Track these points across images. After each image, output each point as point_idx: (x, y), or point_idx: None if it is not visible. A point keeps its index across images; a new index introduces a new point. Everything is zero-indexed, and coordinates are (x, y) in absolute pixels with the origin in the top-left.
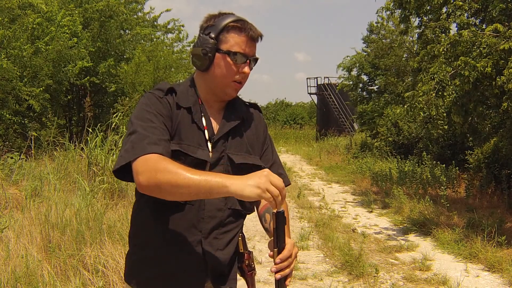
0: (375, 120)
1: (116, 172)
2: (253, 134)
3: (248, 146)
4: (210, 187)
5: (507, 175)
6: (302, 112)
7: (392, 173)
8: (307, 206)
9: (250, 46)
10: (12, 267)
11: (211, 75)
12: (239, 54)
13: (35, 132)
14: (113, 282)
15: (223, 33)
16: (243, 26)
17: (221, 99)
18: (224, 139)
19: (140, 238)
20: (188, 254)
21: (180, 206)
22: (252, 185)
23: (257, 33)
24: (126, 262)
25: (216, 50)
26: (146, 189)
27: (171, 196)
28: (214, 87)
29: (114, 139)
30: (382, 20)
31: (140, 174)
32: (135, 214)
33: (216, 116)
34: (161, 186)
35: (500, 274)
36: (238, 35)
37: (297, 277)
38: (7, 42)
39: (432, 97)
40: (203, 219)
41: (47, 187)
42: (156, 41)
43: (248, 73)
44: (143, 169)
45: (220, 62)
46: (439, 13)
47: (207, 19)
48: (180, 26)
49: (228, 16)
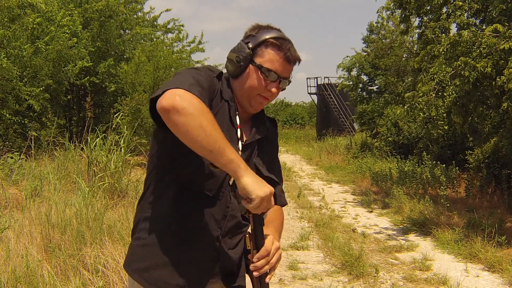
0: (375, 120)
1: (152, 103)
2: (271, 151)
3: (268, 162)
4: (230, 160)
5: (507, 175)
6: (302, 112)
7: (392, 173)
8: (307, 206)
9: (285, 67)
10: (12, 267)
11: (240, 83)
12: (271, 72)
13: (35, 132)
14: (113, 282)
15: (261, 47)
16: (282, 45)
17: (246, 109)
18: (253, 146)
19: (152, 225)
20: (202, 248)
21: (209, 199)
22: (261, 187)
23: (294, 56)
24: (130, 248)
25: (250, 61)
26: (174, 111)
27: (182, 131)
28: (240, 96)
29: (115, 139)
30: (382, 20)
31: (180, 97)
32: (148, 202)
33: (243, 124)
34: (190, 119)
35: (500, 274)
36: (275, 52)
37: (297, 277)
38: (7, 42)
39: (432, 98)
40: (226, 217)
41: (47, 187)
42: (156, 41)
43: (275, 93)
44: (186, 96)
45: (252, 73)
46: (439, 13)
47: (253, 28)
48: (180, 26)
49: (272, 31)
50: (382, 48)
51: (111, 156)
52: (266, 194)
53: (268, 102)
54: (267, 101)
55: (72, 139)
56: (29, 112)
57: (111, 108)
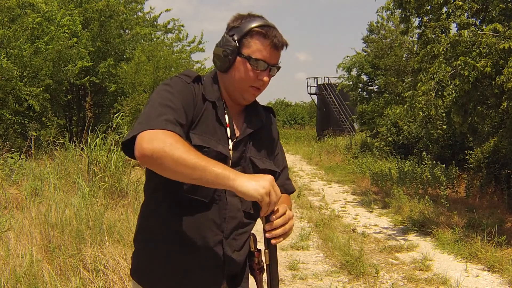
0: (375, 120)
1: (125, 146)
2: (270, 139)
3: (266, 151)
4: (216, 176)
5: (507, 175)
6: (302, 112)
7: (392, 173)
8: (307, 206)
9: (273, 54)
10: (12, 267)
11: (230, 77)
12: (260, 61)
13: (35, 132)
14: (113, 282)
15: (247, 37)
16: (267, 33)
17: (238, 102)
18: (246, 141)
19: (154, 235)
20: (207, 254)
21: (205, 204)
22: (258, 185)
23: (281, 41)
24: (134, 258)
25: (237, 54)
26: (146, 159)
27: (169, 172)
28: (232, 90)
29: (115, 139)
30: (382, 20)
31: (147, 142)
32: (148, 211)
33: (235, 118)
34: (164, 159)
35: (500, 274)
36: (261, 41)
37: (297, 277)
38: (7, 42)
39: (432, 97)
40: (225, 219)
41: (47, 187)
42: (156, 41)
43: (267, 81)
44: (152, 137)
45: (240, 66)
46: (439, 13)
47: (235, 19)
48: (180, 26)
49: (255, 20)
50: (382, 48)
51: (111, 156)
52: (266, 188)
53: (260, 92)
54: (259, 91)
55: (72, 139)
56: (29, 112)
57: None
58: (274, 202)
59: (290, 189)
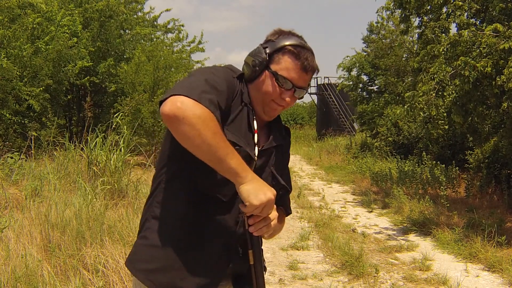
0: (375, 120)
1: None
2: (286, 158)
3: (282, 168)
4: (228, 164)
5: (507, 175)
6: (302, 112)
7: (392, 173)
8: (307, 206)
9: (301, 76)
10: (12, 267)
11: (255, 87)
12: (286, 80)
13: (35, 132)
14: (113, 282)
15: (278, 53)
16: (299, 53)
17: (259, 115)
18: (270, 152)
19: (162, 225)
20: (213, 252)
21: (222, 204)
22: (257, 194)
23: (312, 65)
24: (135, 247)
25: (265, 67)
26: (169, 118)
27: (185, 139)
28: (254, 101)
29: (115, 139)
30: (382, 20)
31: (173, 102)
32: (161, 199)
33: (259, 128)
34: (183, 124)
35: (500, 274)
36: (292, 60)
37: (297, 277)
38: (7, 42)
39: (432, 97)
40: (238, 223)
41: (47, 187)
42: (156, 41)
43: (289, 103)
44: (181, 100)
45: (266, 79)
46: (439, 13)
47: (274, 33)
48: (180, 26)
49: (291, 38)
50: (382, 48)
51: (111, 156)
52: (261, 202)
53: (283, 110)
54: (281, 108)
55: (72, 139)
56: (29, 112)
57: (111, 108)
58: (261, 216)
59: (289, 211)
